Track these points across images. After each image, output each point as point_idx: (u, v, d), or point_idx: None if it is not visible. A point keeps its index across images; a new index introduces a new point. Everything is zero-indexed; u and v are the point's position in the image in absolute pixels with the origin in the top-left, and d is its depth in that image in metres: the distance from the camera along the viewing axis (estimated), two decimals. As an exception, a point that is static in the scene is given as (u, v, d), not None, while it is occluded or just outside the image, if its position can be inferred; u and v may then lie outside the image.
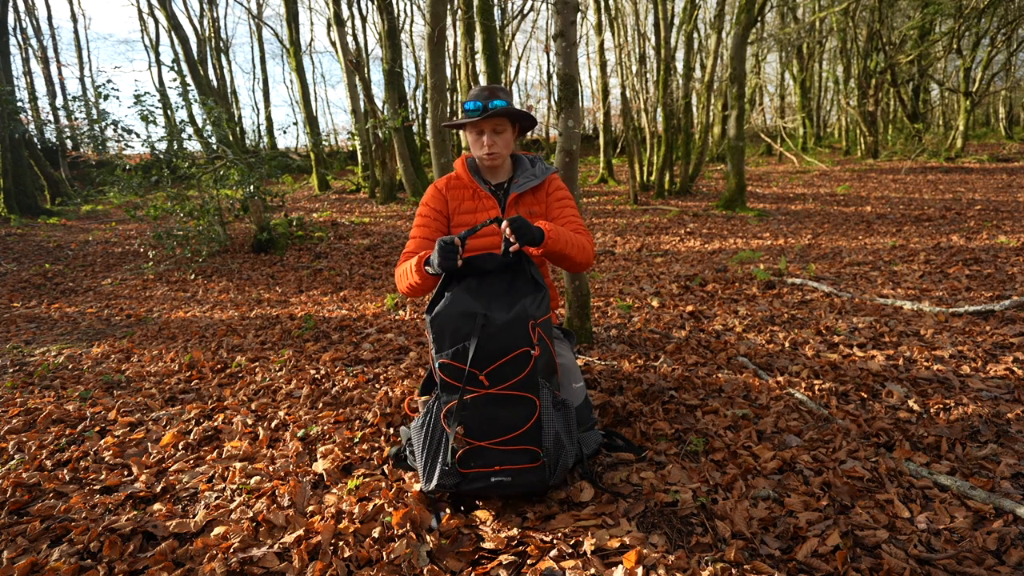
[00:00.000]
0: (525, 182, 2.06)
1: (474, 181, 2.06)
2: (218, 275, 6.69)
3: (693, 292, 4.53)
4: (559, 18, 2.90)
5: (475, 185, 2.07)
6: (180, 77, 7.82)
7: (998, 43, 17.27)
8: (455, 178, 2.11)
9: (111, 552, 1.62)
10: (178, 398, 2.90)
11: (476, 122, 1.97)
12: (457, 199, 2.09)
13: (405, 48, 20.65)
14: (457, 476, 1.66)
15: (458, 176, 2.10)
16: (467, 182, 2.08)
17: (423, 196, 2.12)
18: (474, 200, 2.07)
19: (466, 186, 2.09)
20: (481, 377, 1.65)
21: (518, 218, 1.73)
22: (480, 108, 1.94)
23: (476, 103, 1.94)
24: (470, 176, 2.07)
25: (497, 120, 1.97)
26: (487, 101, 1.94)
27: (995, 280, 4.28)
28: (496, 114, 1.94)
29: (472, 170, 2.10)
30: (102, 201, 13.09)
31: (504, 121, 1.99)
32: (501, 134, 2.00)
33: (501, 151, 2.01)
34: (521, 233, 1.73)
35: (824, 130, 27.48)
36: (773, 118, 23.68)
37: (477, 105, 1.94)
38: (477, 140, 2.01)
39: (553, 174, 2.14)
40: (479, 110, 1.94)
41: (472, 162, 2.13)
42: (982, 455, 1.94)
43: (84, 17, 51.47)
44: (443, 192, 2.10)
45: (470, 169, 2.10)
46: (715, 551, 1.51)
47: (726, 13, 14.25)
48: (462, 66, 12.56)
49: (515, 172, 2.13)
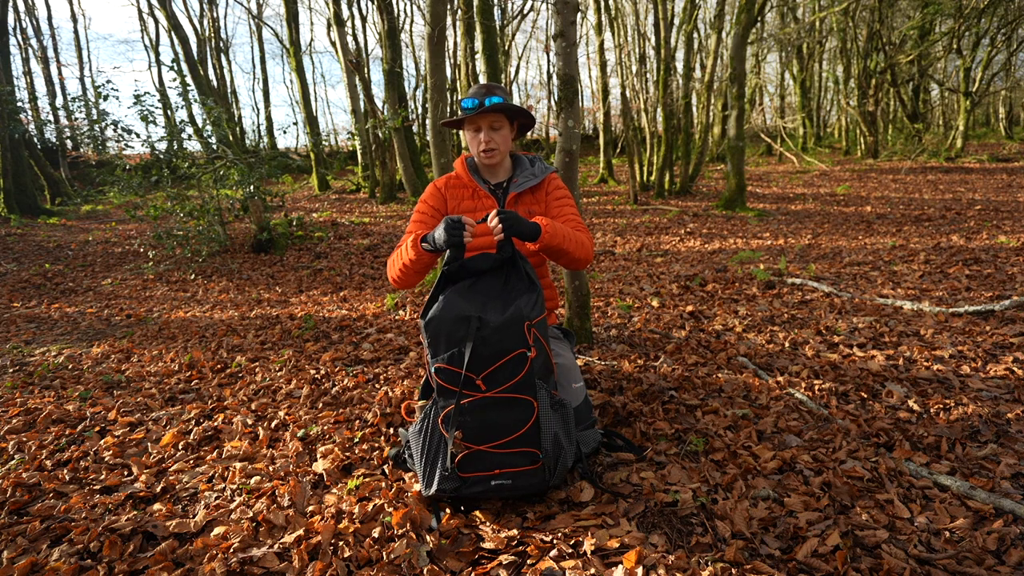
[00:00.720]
0: (524, 181, 2.06)
1: (473, 180, 2.06)
2: (218, 275, 6.69)
3: (693, 292, 4.53)
4: (559, 18, 2.90)
5: (474, 184, 2.06)
6: (180, 77, 7.82)
7: (998, 43, 17.28)
8: (455, 177, 2.11)
9: (111, 552, 1.62)
10: (178, 398, 2.90)
11: (473, 119, 1.97)
12: (456, 198, 2.08)
13: (405, 48, 20.65)
14: (457, 481, 1.66)
15: (458, 176, 2.10)
16: (466, 181, 2.08)
17: (422, 194, 2.12)
18: (473, 200, 2.07)
19: (465, 185, 2.09)
20: (478, 381, 1.65)
21: (508, 211, 1.72)
22: (477, 105, 1.93)
23: (473, 100, 1.94)
24: (469, 175, 2.07)
25: (494, 117, 1.97)
26: (484, 98, 1.93)
27: (995, 280, 4.28)
28: (493, 110, 1.93)
29: (471, 169, 2.10)
30: (102, 201, 13.10)
31: (501, 118, 1.99)
32: (499, 131, 1.99)
33: (499, 148, 2.00)
34: (508, 224, 1.70)
35: (824, 130, 27.47)
36: (773, 118, 23.68)
37: (474, 102, 1.94)
38: (474, 137, 2.01)
39: (552, 173, 2.14)
40: (476, 107, 1.94)
41: (471, 162, 2.12)
42: (982, 455, 1.94)
43: (84, 17, 51.53)
44: (442, 191, 2.10)
45: (469, 169, 2.09)
46: (715, 551, 1.51)
47: (726, 13, 14.26)
48: (462, 66, 12.55)
49: (514, 171, 2.12)
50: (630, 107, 13.32)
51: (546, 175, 2.10)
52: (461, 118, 1.99)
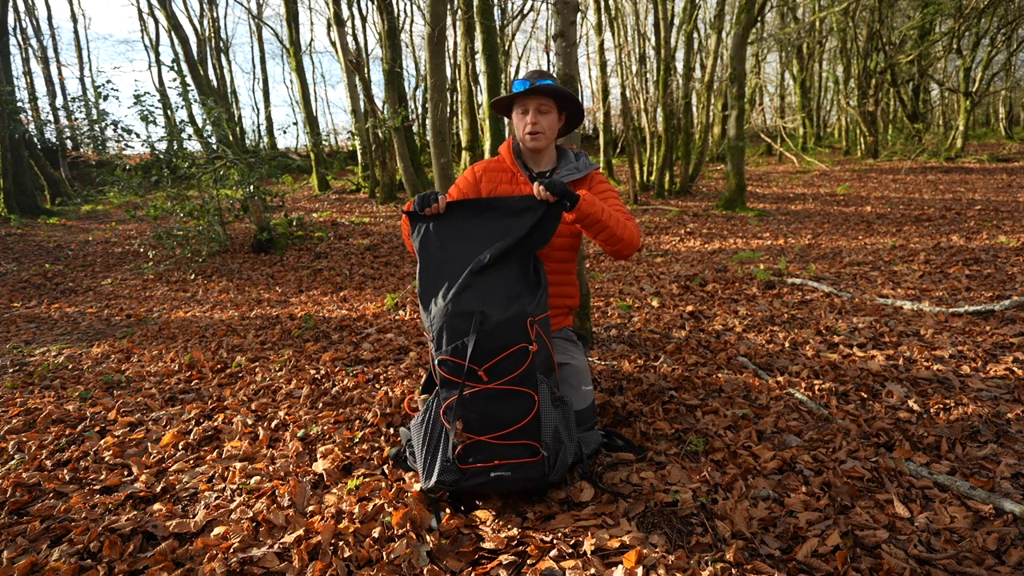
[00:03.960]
0: (568, 174, 2.05)
1: (516, 165, 2.05)
2: (218, 275, 6.69)
3: (693, 292, 4.53)
4: (559, 18, 2.90)
5: (516, 169, 2.05)
6: (180, 77, 7.82)
7: (998, 43, 17.28)
8: (497, 161, 2.10)
9: (111, 552, 1.62)
10: (178, 398, 2.90)
11: (522, 100, 1.97)
12: (494, 182, 2.07)
13: (405, 48, 20.65)
14: (457, 472, 1.67)
15: (501, 159, 2.09)
16: (508, 165, 2.07)
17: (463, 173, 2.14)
18: (512, 185, 2.05)
19: (507, 169, 2.08)
20: (480, 372, 1.66)
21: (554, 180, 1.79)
22: (528, 86, 1.94)
23: (525, 83, 1.95)
24: (513, 159, 2.06)
25: (542, 100, 1.96)
26: (535, 80, 1.94)
27: (995, 280, 4.28)
28: (542, 92, 1.93)
29: (516, 154, 2.09)
30: (102, 201, 13.09)
31: (550, 103, 1.98)
32: (546, 115, 1.98)
33: (544, 131, 1.98)
34: (551, 185, 1.77)
35: (824, 130, 27.47)
36: (773, 118, 23.68)
37: (525, 84, 1.95)
38: (521, 119, 1.99)
39: (596, 169, 2.13)
40: (527, 88, 1.94)
41: (517, 147, 2.11)
42: (982, 455, 1.94)
43: (84, 17, 51.55)
44: (478, 175, 2.09)
45: (515, 153, 2.09)
46: (715, 551, 1.51)
47: (726, 13, 14.25)
48: (462, 66, 12.55)
49: (559, 163, 2.11)
50: (630, 107, 13.32)
51: (590, 170, 2.09)
52: (510, 97, 1.99)
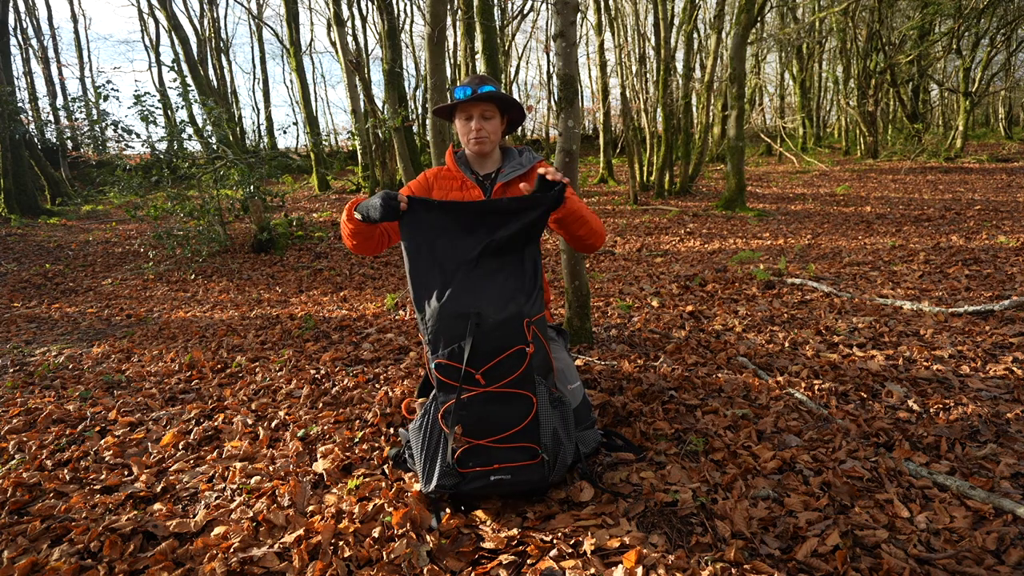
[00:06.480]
0: (511, 171, 2.07)
1: (461, 172, 2.07)
2: (218, 275, 6.69)
3: (693, 292, 4.53)
4: (559, 18, 2.90)
5: (462, 176, 2.07)
6: (180, 77, 7.83)
7: (998, 43, 17.28)
8: (445, 170, 2.12)
9: (111, 552, 1.62)
10: (178, 398, 2.90)
11: (465, 107, 1.98)
12: (444, 189, 2.10)
13: (405, 48, 20.64)
14: (456, 476, 1.66)
15: (448, 168, 2.12)
16: (455, 173, 2.09)
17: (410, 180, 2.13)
18: (461, 191, 2.08)
19: (454, 177, 2.10)
20: (477, 376, 1.66)
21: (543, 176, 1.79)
22: (470, 93, 1.95)
23: (466, 89, 1.96)
24: (458, 167, 2.08)
25: (486, 106, 1.98)
26: (477, 87, 1.95)
27: (995, 280, 4.28)
28: (485, 99, 1.95)
29: (460, 161, 2.11)
30: (102, 201, 13.09)
31: (493, 108, 2.00)
32: (490, 120, 2.00)
33: (489, 137, 2.01)
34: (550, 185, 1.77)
35: (824, 130, 27.46)
36: (773, 118, 23.68)
37: (467, 91, 1.95)
38: (465, 126, 2.02)
39: (541, 162, 2.13)
40: (469, 95, 1.95)
41: (461, 154, 2.14)
42: (982, 455, 1.94)
43: (84, 17, 51.49)
44: (430, 180, 2.12)
45: (458, 161, 2.11)
46: (715, 551, 1.51)
47: (726, 13, 14.26)
48: (462, 66, 12.55)
49: (503, 162, 2.13)
50: (630, 107, 13.32)
51: (533, 163, 2.10)
52: (452, 104, 2.00)
